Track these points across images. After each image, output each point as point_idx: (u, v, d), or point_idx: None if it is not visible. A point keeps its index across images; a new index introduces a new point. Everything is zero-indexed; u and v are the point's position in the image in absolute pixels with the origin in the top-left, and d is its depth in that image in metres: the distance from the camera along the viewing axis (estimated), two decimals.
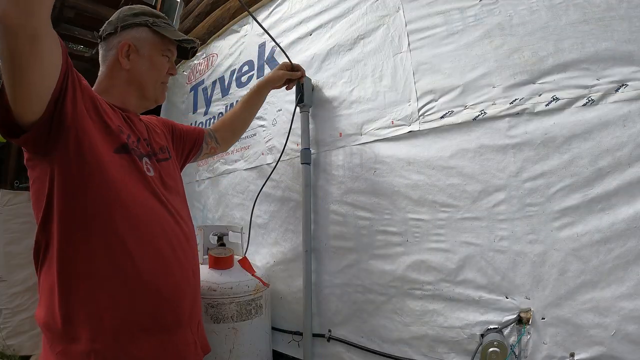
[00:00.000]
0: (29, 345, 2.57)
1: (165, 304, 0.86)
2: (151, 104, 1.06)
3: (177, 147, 1.22)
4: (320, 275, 1.61)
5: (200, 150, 1.33)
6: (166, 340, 0.86)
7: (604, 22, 1.06)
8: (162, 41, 1.03)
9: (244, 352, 1.45)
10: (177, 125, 1.27)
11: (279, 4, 2.07)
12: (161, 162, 1.02)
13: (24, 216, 2.63)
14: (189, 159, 1.30)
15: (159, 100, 1.06)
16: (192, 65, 2.84)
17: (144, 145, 0.97)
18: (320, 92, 1.73)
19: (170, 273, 0.88)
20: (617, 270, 0.96)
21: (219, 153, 1.52)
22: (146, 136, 1.01)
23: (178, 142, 1.22)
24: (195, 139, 1.29)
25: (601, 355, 0.96)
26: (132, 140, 0.93)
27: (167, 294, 0.86)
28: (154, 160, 0.98)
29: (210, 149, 1.37)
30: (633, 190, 0.96)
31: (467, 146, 1.23)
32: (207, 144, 1.34)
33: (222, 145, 1.42)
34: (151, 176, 0.93)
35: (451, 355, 1.22)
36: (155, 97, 1.05)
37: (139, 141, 0.96)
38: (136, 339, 0.81)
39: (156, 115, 1.26)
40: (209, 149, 1.36)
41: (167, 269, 0.88)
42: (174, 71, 1.07)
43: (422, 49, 1.40)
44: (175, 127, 1.24)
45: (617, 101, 1.01)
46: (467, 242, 1.20)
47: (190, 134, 1.28)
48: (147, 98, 1.03)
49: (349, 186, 1.54)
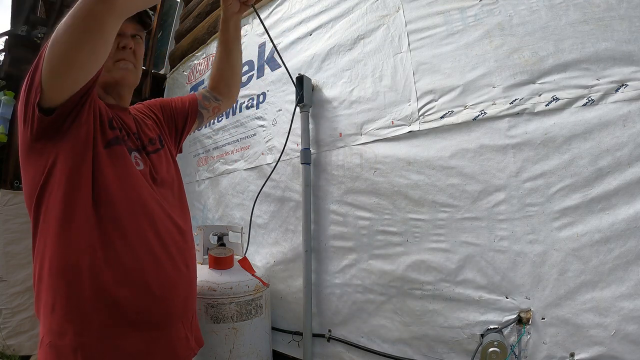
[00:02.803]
0: (29, 345, 2.57)
1: (156, 300, 0.86)
2: (119, 88, 1.00)
3: (170, 125, 1.18)
4: (320, 275, 1.61)
5: (201, 117, 1.26)
6: (157, 335, 0.86)
7: (604, 22, 1.06)
8: None
9: (244, 352, 1.45)
10: (166, 102, 1.21)
11: (279, 4, 2.07)
12: (151, 154, 1.00)
13: (24, 216, 2.63)
14: (185, 132, 1.24)
15: (121, 79, 0.97)
16: (192, 65, 2.84)
17: (133, 140, 0.96)
18: (320, 92, 1.73)
19: (160, 268, 0.87)
20: (617, 270, 0.96)
21: (227, 108, 1.39)
22: (135, 130, 1.00)
23: (169, 120, 1.19)
24: (188, 111, 1.22)
25: (601, 355, 0.96)
26: (122, 135, 0.93)
27: (157, 290, 0.86)
28: (143, 154, 0.97)
29: (214, 110, 1.29)
30: (633, 190, 0.96)
31: (467, 146, 1.23)
32: (206, 107, 1.26)
33: (224, 99, 1.32)
34: (141, 170, 0.93)
35: (451, 355, 1.21)
36: (114, 78, 0.97)
37: (128, 136, 0.96)
38: (124, 333, 0.81)
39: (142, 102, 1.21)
40: (211, 111, 1.28)
41: (157, 265, 0.87)
42: (128, 45, 0.97)
43: (422, 49, 1.40)
44: (164, 106, 1.19)
45: (617, 101, 1.01)
46: (467, 242, 1.20)
47: (181, 107, 1.22)
48: (109, 84, 0.97)
49: (349, 186, 1.54)
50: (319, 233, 1.63)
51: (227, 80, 1.31)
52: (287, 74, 1.90)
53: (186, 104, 1.23)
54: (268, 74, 2.07)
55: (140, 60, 1.02)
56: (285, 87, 1.92)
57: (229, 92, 1.33)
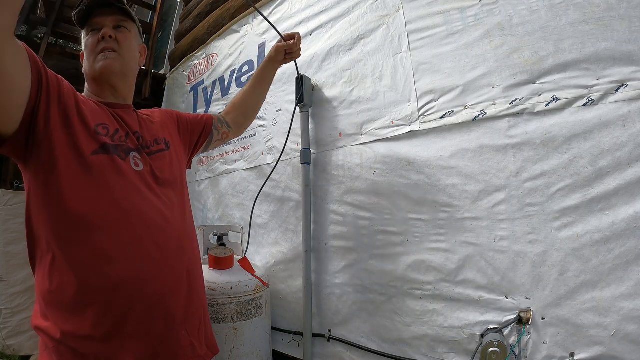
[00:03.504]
0: (29, 345, 2.57)
1: (153, 310, 0.84)
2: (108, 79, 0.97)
3: (185, 136, 1.19)
4: (320, 275, 1.61)
5: (211, 137, 1.27)
6: (157, 344, 0.84)
7: (604, 22, 1.06)
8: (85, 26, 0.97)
9: (244, 352, 1.45)
10: (183, 114, 1.23)
11: (279, 4, 2.07)
12: (154, 154, 0.98)
13: (24, 216, 2.62)
14: (197, 147, 1.25)
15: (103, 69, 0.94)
16: (192, 65, 2.84)
17: (133, 140, 0.94)
18: (320, 92, 1.73)
19: (156, 275, 0.85)
20: (617, 270, 0.96)
21: (233, 138, 1.43)
22: (137, 129, 0.98)
23: (185, 131, 1.19)
24: (204, 126, 1.24)
25: (601, 355, 0.96)
26: (119, 135, 0.91)
27: (154, 299, 0.84)
28: (144, 154, 0.95)
29: (222, 135, 1.32)
30: (633, 190, 0.96)
31: (467, 146, 1.23)
32: (218, 129, 1.28)
33: (235, 128, 1.36)
34: (139, 171, 0.90)
35: (451, 355, 1.21)
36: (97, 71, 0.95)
37: (128, 135, 0.94)
38: (125, 343, 0.80)
39: (159, 108, 1.24)
40: (220, 134, 1.30)
41: (153, 271, 0.84)
42: (106, 33, 0.95)
43: (422, 49, 1.40)
44: (180, 117, 1.21)
45: (617, 101, 1.01)
46: (467, 242, 1.20)
47: (198, 121, 1.24)
48: (96, 79, 0.96)
49: (349, 186, 1.54)
50: (319, 233, 1.63)
51: (247, 113, 1.39)
52: (288, 74, 1.91)
53: (203, 120, 1.26)
54: None
55: (127, 48, 0.98)
56: (285, 87, 1.92)
57: (244, 123, 1.41)
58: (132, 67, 1.02)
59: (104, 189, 0.82)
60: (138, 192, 0.88)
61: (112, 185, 0.84)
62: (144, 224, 0.86)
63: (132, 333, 0.81)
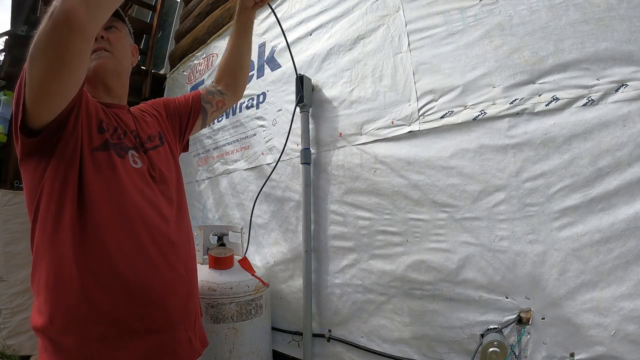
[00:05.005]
0: (29, 345, 2.57)
1: (154, 307, 0.84)
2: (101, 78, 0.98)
3: (174, 123, 1.18)
4: (320, 275, 1.61)
5: (204, 112, 1.24)
6: (157, 340, 0.85)
7: (604, 22, 1.06)
8: None
9: (244, 352, 1.45)
10: (170, 100, 1.22)
11: (279, 4, 2.07)
12: (149, 151, 0.99)
13: (24, 216, 2.62)
14: (188, 129, 1.23)
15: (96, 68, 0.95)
16: (192, 65, 2.84)
17: (130, 138, 0.95)
18: (320, 92, 1.73)
19: (157, 273, 0.86)
20: (617, 270, 0.96)
21: (232, 103, 1.38)
22: (133, 128, 0.99)
23: (173, 117, 1.18)
24: (191, 106, 1.22)
25: (601, 355, 0.96)
26: (117, 134, 0.92)
27: (155, 297, 0.84)
28: (141, 152, 0.96)
29: (218, 104, 1.27)
30: (633, 190, 0.96)
31: (467, 146, 1.23)
32: (209, 102, 1.25)
33: (230, 93, 1.31)
34: (138, 168, 0.92)
35: (451, 355, 1.21)
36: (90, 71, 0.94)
37: (125, 134, 0.95)
38: (125, 342, 0.80)
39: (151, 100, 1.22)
40: (215, 105, 1.26)
41: (154, 270, 0.85)
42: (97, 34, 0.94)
43: (422, 49, 1.40)
44: (168, 104, 1.19)
45: (617, 101, 1.01)
46: (467, 242, 1.20)
47: (184, 104, 1.22)
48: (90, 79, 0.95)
49: (349, 186, 1.54)
50: (319, 233, 1.63)
51: (233, 72, 1.30)
52: (288, 74, 1.91)
53: (189, 100, 1.23)
54: (268, 74, 2.07)
55: (119, 48, 0.99)
56: (285, 87, 1.92)
57: (235, 84, 1.32)
58: (125, 65, 1.03)
59: (114, 186, 0.85)
60: (139, 189, 0.89)
61: (120, 183, 0.86)
62: (144, 223, 0.86)
63: (132, 332, 0.81)
